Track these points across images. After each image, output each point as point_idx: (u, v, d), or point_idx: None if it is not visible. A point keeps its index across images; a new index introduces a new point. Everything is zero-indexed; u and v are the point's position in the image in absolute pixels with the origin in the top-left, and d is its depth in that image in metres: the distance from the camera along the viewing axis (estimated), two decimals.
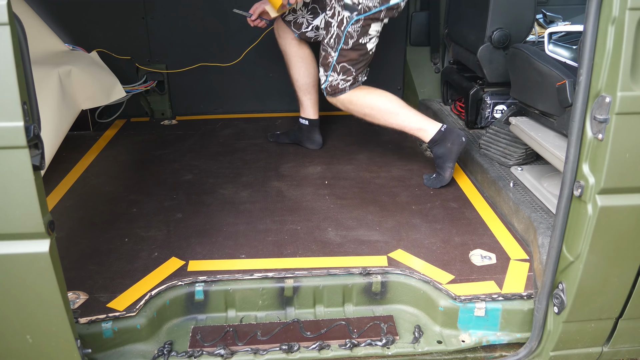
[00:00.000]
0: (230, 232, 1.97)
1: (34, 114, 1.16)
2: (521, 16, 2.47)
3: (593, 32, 1.27)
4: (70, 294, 1.60)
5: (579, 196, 1.39)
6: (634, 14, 1.21)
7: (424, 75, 3.27)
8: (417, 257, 1.83)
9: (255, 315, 1.72)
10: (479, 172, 2.36)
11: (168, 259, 1.80)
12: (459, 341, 1.65)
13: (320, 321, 1.68)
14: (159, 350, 1.57)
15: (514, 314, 1.65)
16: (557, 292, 1.52)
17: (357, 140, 2.86)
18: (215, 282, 1.70)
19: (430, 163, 2.61)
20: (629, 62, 1.24)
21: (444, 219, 2.09)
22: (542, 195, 2.02)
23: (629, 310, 1.53)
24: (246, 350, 1.57)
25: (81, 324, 1.52)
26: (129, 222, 2.03)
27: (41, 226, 1.19)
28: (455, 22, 2.93)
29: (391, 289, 1.75)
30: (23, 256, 1.21)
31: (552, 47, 2.03)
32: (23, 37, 1.12)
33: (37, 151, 1.16)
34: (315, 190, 2.30)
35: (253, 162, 2.60)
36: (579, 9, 3.27)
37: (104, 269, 1.75)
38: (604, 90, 1.28)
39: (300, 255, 1.83)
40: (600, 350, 1.63)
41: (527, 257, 1.84)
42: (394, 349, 1.60)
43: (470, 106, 2.67)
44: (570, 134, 1.36)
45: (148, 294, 1.63)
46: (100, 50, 2.88)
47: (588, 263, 1.41)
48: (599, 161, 1.32)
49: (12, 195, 1.16)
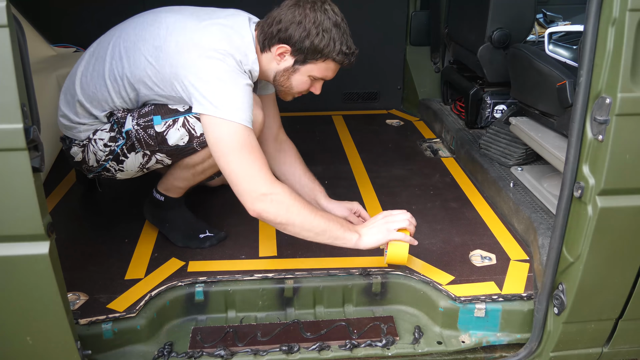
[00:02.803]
0: (230, 232, 1.96)
1: (33, 116, 1.16)
2: (521, 16, 2.47)
3: (593, 33, 1.27)
4: (70, 295, 1.60)
5: (579, 197, 1.38)
6: (635, 15, 1.21)
7: (424, 75, 3.26)
8: (417, 257, 1.83)
9: (255, 315, 1.72)
10: (479, 172, 2.36)
11: (168, 259, 1.80)
12: (459, 342, 1.65)
13: (320, 322, 1.68)
14: (159, 351, 1.57)
15: (514, 314, 1.65)
16: (557, 292, 1.52)
17: (357, 140, 2.85)
18: (215, 282, 1.70)
19: (431, 163, 2.61)
20: (629, 63, 1.23)
21: (444, 219, 2.09)
22: (542, 195, 2.02)
23: (629, 311, 1.53)
24: (246, 351, 1.57)
25: (81, 325, 1.52)
26: (129, 223, 2.03)
27: (41, 228, 1.19)
28: (455, 22, 2.93)
29: (391, 289, 1.75)
30: (23, 258, 1.21)
31: (552, 47, 2.03)
32: (22, 39, 1.12)
33: (37, 153, 1.16)
34: None
35: None
36: (579, 8, 3.27)
37: (104, 269, 1.75)
38: (604, 92, 1.28)
39: (300, 256, 1.83)
40: (600, 350, 1.63)
41: (527, 257, 1.84)
42: (394, 350, 1.60)
43: (470, 106, 2.67)
44: (571, 134, 1.36)
45: (148, 294, 1.63)
46: None
47: (588, 264, 1.41)
48: (599, 162, 1.32)
49: (12, 197, 1.16)
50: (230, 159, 1.55)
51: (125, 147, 1.73)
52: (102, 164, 1.78)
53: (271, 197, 1.55)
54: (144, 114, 1.70)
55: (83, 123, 1.76)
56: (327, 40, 1.62)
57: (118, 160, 1.77)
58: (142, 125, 1.69)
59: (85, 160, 1.80)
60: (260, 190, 1.54)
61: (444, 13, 3.04)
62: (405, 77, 3.36)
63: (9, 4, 1.08)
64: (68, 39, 2.89)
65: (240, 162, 1.54)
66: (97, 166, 1.79)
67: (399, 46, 3.28)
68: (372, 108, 3.37)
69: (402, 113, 3.34)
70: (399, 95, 3.41)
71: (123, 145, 1.73)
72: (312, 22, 1.60)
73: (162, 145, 1.71)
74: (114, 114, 1.73)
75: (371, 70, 3.29)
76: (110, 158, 1.76)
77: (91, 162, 1.79)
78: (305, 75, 1.71)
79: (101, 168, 1.79)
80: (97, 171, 1.82)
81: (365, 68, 3.27)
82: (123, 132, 1.71)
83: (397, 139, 2.88)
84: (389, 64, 3.32)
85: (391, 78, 3.35)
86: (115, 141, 1.73)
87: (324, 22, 1.61)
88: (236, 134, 1.54)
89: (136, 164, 1.78)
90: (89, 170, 1.84)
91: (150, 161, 1.77)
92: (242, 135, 1.54)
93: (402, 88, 3.40)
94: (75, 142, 1.80)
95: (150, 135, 1.69)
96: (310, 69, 1.69)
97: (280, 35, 1.63)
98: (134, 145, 1.72)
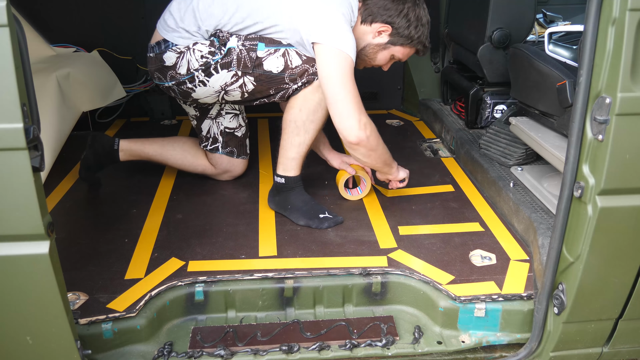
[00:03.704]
0: (230, 232, 1.97)
1: (33, 115, 1.16)
2: (521, 16, 2.47)
3: (593, 33, 1.27)
4: (70, 294, 1.60)
5: (579, 197, 1.39)
6: (635, 15, 1.21)
7: (424, 75, 3.26)
8: (417, 257, 1.83)
9: (255, 315, 1.72)
10: (479, 172, 2.36)
11: (168, 259, 1.80)
12: (459, 342, 1.65)
13: (320, 322, 1.68)
14: (159, 351, 1.57)
15: (514, 314, 1.65)
16: (557, 292, 1.52)
17: None
18: (215, 282, 1.70)
19: (430, 163, 2.61)
20: (629, 63, 1.23)
21: (444, 219, 2.09)
22: (542, 195, 2.02)
23: (629, 310, 1.53)
24: (246, 351, 1.57)
25: (81, 325, 1.52)
26: (129, 223, 2.03)
27: (41, 228, 1.19)
28: (455, 22, 2.93)
29: (391, 289, 1.75)
30: (23, 258, 1.21)
31: (552, 47, 2.03)
32: (22, 39, 1.12)
33: (37, 153, 1.16)
34: (315, 191, 2.30)
35: (253, 162, 2.60)
36: (579, 8, 3.28)
37: (104, 269, 1.75)
38: (604, 91, 1.28)
39: (300, 256, 1.83)
40: (600, 350, 1.63)
41: (527, 257, 1.84)
42: (394, 350, 1.60)
43: (470, 106, 2.67)
44: (570, 134, 1.36)
45: (148, 294, 1.63)
46: (101, 49, 2.88)
47: (588, 264, 1.41)
48: (599, 162, 1.32)
49: (12, 196, 1.16)
50: (345, 84, 1.80)
51: (220, 62, 1.93)
52: (192, 72, 1.96)
53: (371, 126, 1.86)
54: (251, 38, 1.93)
55: (188, 30, 1.95)
56: (420, 32, 2.00)
57: (208, 73, 1.95)
58: (247, 46, 1.92)
59: (176, 66, 1.97)
60: (364, 119, 1.83)
61: (444, 13, 3.04)
62: (405, 77, 3.36)
63: (9, 4, 1.08)
64: (68, 39, 2.89)
65: (352, 90, 1.80)
66: (185, 74, 1.97)
67: None
68: (372, 108, 3.36)
69: (402, 113, 3.34)
70: (399, 95, 3.41)
71: (220, 59, 1.93)
72: (415, 16, 1.97)
73: (257, 69, 1.93)
74: (219, 33, 1.93)
75: (371, 70, 3.26)
76: (202, 68, 1.94)
77: (181, 70, 1.97)
78: (390, 54, 2.06)
79: (189, 76, 1.97)
80: (181, 79, 1.99)
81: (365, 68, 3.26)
82: (225, 48, 1.92)
83: (397, 139, 2.88)
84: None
85: (391, 78, 3.34)
86: (213, 55, 1.93)
87: (422, 18, 2.00)
88: (348, 63, 1.82)
89: (221, 82, 1.97)
90: (172, 78, 2.01)
91: (235, 83, 1.96)
92: (350, 67, 1.82)
93: (402, 88, 3.40)
94: (174, 46, 1.97)
95: (250, 57, 1.92)
96: (397, 50, 2.04)
97: (387, 18, 1.96)
98: (231, 62, 1.92)
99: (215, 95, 2.03)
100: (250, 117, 3.20)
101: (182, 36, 1.96)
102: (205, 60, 1.93)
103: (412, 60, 3.28)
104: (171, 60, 1.98)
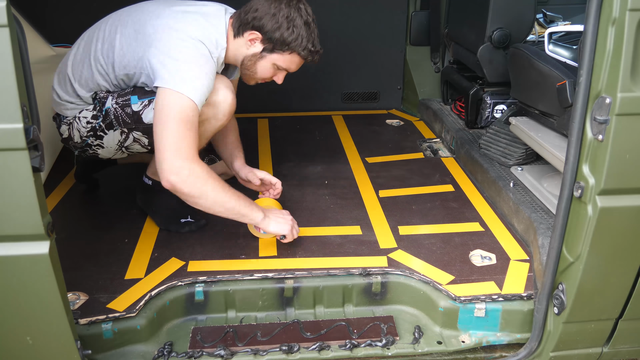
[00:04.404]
0: (230, 232, 1.96)
1: (33, 115, 1.16)
2: (521, 16, 2.47)
3: (593, 33, 1.27)
4: (70, 294, 1.60)
5: (579, 197, 1.39)
6: (635, 15, 1.21)
7: (424, 75, 3.26)
8: (417, 257, 1.83)
9: (255, 315, 1.72)
10: (479, 172, 2.36)
11: (168, 259, 1.80)
12: (459, 342, 1.65)
13: (320, 322, 1.68)
14: (159, 351, 1.57)
15: (514, 314, 1.66)
16: (557, 292, 1.52)
17: (357, 140, 2.85)
18: (215, 282, 1.70)
19: (430, 163, 2.62)
20: (629, 63, 1.23)
21: (444, 219, 2.09)
22: (542, 195, 2.02)
23: (629, 310, 1.53)
24: (246, 351, 1.57)
25: (81, 325, 1.52)
26: (129, 223, 2.03)
27: (41, 228, 1.19)
28: (455, 22, 2.93)
29: (391, 289, 1.75)
30: (23, 258, 1.21)
31: (552, 47, 2.03)
32: (22, 39, 1.12)
33: (37, 153, 1.16)
34: (315, 190, 2.30)
35: (253, 162, 2.60)
36: (579, 8, 3.28)
37: (104, 269, 1.75)
38: (604, 91, 1.28)
39: (300, 256, 1.83)
40: (601, 350, 1.63)
41: (527, 257, 1.84)
42: (394, 350, 1.60)
43: (470, 106, 2.67)
44: (570, 134, 1.36)
45: (148, 294, 1.63)
46: None
47: (588, 264, 1.41)
48: (599, 162, 1.32)
49: (12, 196, 1.16)
50: (167, 126, 1.61)
51: (104, 124, 1.85)
52: (85, 139, 1.91)
53: (190, 171, 1.61)
54: (123, 94, 1.82)
55: (71, 102, 1.89)
56: (296, 35, 1.76)
57: (98, 136, 1.89)
58: (120, 103, 1.82)
59: (71, 136, 1.93)
60: (180, 164, 1.61)
61: (444, 13, 3.05)
62: (405, 77, 3.36)
63: (9, 4, 1.08)
64: (68, 39, 2.88)
65: (174, 133, 1.61)
66: (80, 142, 1.92)
67: (399, 46, 3.28)
68: (372, 108, 3.37)
69: (402, 113, 3.34)
70: (399, 95, 3.41)
71: (102, 122, 1.85)
72: (285, 17, 1.75)
73: (138, 124, 1.82)
74: (97, 94, 1.86)
75: (371, 70, 3.29)
76: (91, 134, 1.88)
77: (75, 139, 1.92)
78: (270, 63, 1.84)
79: (84, 144, 1.92)
80: (80, 147, 1.95)
81: (365, 68, 3.27)
82: (103, 110, 1.84)
83: (397, 139, 2.88)
84: (389, 64, 3.32)
85: (391, 78, 3.35)
86: (97, 119, 1.86)
87: (296, 19, 1.76)
88: (182, 107, 1.62)
89: (115, 141, 1.89)
90: (74, 147, 1.98)
91: (128, 139, 1.88)
92: (187, 111, 1.62)
93: (402, 88, 3.40)
94: (64, 119, 1.93)
95: (127, 114, 1.81)
96: (276, 58, 1.82)
97: (254, 23, 1.76)
98: (112, 122, 1.84)
99: (120, 152, 1.94)
100: (251, 117, 3.22)
101: (67, 108, 1.90)
102: (91, 126, 1.87)
103: (412, 61, 3.28)
104: (65, 133, 1.93)
